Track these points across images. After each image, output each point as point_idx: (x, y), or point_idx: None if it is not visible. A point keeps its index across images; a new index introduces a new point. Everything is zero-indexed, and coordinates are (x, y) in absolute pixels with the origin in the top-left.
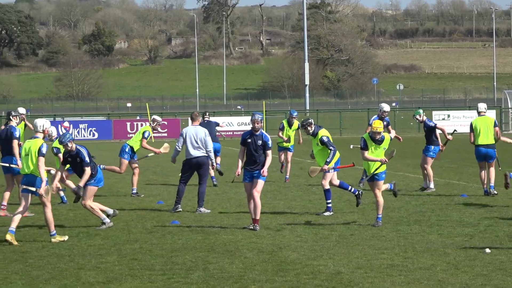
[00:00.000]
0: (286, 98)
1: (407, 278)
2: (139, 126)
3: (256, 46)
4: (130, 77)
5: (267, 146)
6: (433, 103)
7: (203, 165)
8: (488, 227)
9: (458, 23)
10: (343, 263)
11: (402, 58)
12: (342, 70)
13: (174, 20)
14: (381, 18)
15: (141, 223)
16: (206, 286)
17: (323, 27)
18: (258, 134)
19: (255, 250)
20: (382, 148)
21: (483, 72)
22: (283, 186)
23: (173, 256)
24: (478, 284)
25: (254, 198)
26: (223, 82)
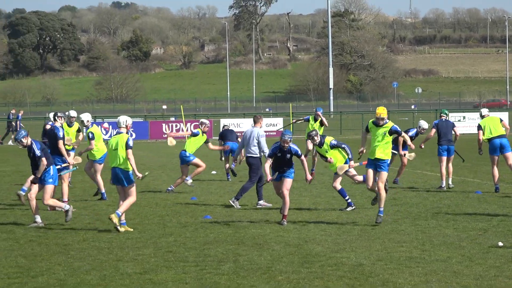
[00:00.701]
0: (311, 101)
1: (425, 269)
2: (174, 127)
3: (284, 52)
4: (165, 81)
5: (298, 154)
6: (450, 106)
7: (252, 165)
8: (501, 221)
9: (473, 30)
10: (365, 255)
11: (421, 63)
12: (364, 75)
13: (207, 27)
14: (401, 26)
15: (176, 217)
16: (236, 277)
17: (347, 34)
18: (286, 150)
19: (282, 243)
20: (382, 131)
21: (497, 77)
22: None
23: (205, 248)
24: (491, 275)
25: (284, 196)
26: (252, 86)
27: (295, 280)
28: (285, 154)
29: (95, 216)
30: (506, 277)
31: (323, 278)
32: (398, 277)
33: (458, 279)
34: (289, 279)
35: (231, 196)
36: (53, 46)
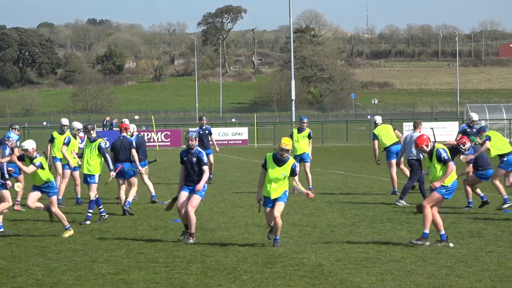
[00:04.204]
0: (274, 111)
1: (380, 269)
2: (146, 137)
3: (249, 66)
4: (137, 93)
5: (202, 162)
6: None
7: (413, 165)
8: (452, 224)
9: (426, 45)
10: (324, 256)
11: (377, 76)
12: (324, 87)
13: (177, 42)
14: (358, 41)
15: (147, 221)
16: (204, 277)
17: (308, 49)
18: (193, 152)
19: (247, 245)
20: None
21: (448, 89)
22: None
23: (175, 250)
24: (443, 274)
25: (188, 213)
26: (219, 97)
27: (259, 280)
28: (191, 158)
29: (71, 220)
30: (456, 276)
31: (285, 278)
32: (356, 277)
33: (412, 278)
34: (253, 278)
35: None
36: (32, 60)
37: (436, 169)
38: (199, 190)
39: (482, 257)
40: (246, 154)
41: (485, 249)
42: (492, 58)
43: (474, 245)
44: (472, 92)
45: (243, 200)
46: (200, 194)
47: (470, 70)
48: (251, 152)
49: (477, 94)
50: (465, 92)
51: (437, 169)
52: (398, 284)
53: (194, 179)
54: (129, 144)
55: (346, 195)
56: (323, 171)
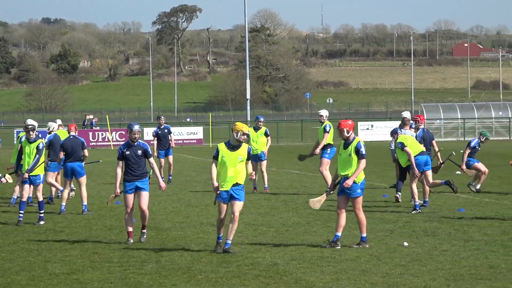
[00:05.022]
0: (230, 110)
1: (335, 268)
2: (100, 136)
3: (204, 65)
4: (92, 92)
5: (149, 154)
6: (359, 115)
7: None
8: (406, 223)
9: (381, 44)
10: (279, 255)
11: (332, 76)
12: (279, 86)
13: (132, 42)
14: (313, 40)
15: (101, 221)
16: (158, 277)
17: (263, 48)
18: (137, 145)
19: (202, 245)
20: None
21: (402, 88)
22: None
23: (129, 250)
24: (397, 273)
25: (144, 212)
26: (174, 97)
27: (213, 279)
28: (135, 151)
29: (25, 219)
30: (411, 275)
31: (240, 277)
32: (311, 276)
33: (366, 277)
34: (208, 278)
35: (154, 201)
36: None
37: (352, 159)
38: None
39: (436, 256)
40: (201, 153)
41: (439, 248)
42: (447, 58)
43: (429, 244)
44: (427, 92)
45: (198, 200)
46: (148, 189)
47: (424, 70)
48: (206, 151)
49: (431, 93)
50: (420, 92)
51: (352, 160)
52: (352, 283)
53: (138, 173)
54: (81, 144)
55: (301, 195)
56: (278, 171)
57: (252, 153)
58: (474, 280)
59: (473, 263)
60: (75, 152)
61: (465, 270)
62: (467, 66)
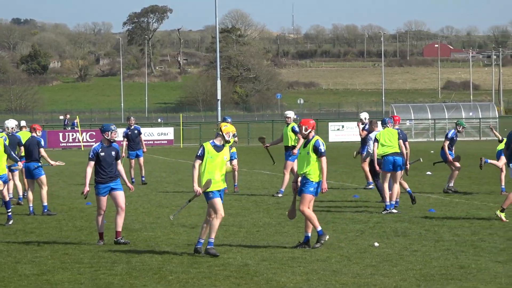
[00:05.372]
0: (200, 111)
1: (306, 268)
2: (71, 136)
3: (174, 66)
4: (62, 93)
5: (119, 156)
6: (329, 115)
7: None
8: (377, 223)
9: (352, 45)
10: (250, 256)
11: (303, 76)
12: (250, 87)
13: (102, 42)
14: (284, 41)
15: (72, 222)
16: (129, 277)
17: (234, 49)
18: (111, 146)
19: (172, 245)
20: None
21: (373, 88)
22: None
23: (99, 251)
24: (368, 273)
25: (122, 213)
26: (145, 97)
27: (184, 280)
28: (110, 152)
29: None
30: (381, 275)
31: (211, 278)
32: (281, 276)
33: (337, 278)
34: (179, 278)
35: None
36: None
37: (310, 157)
38: (120, 186)
39: (407, 256)
40: (171, 154)
41: (410, 248)
42: (417, 58)
43: (399, 244)
44: (397, 92)
45: (169, 200)
46: (122, 189)
47: (395, 70)
48: (177, 152)
49: (402, 94)
50: (390, 92)
51: (311, 159)
52: (323, 283)
53: (112, 175)
54: (37, 143)
55: (272, 196)
56: (249, 171)
57: None
58: (445, 280)
59: (444, 264)
60: (32, 152)
61: (436, 271)
62: (437, 67)
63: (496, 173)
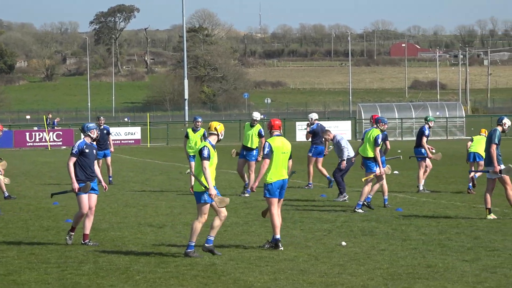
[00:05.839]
0: (167, 110)
1: (273, 268)
2: (37, 136)
3: (142, 65)
4: (29, 93)
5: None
6: (297, 115)
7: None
8: (344, 223)
9: (319, 44)
10: (217, 255)
11: (270, 76)
12: (217, 86)
13: (69, 42)
14: (251, 40)
15: (38, 221)
16: (96, 277)
17: (201, 48)
18: (93, 145)
19: (140, 245)
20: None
21: (340, 88)
22: (166, 189)
23: (66, 250)
24: (335, 273)
25: (91, 216)
26: (112, 97)
27: (151, 280)
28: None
29: None
30: (349, 274)
31: (178, 278)
32: (249, 276)
33: (304, 277)
34: (146, 278)
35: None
36: None
37: None
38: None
39: (374, 256)
40: (139, 153)
41: (377, 247)
42: (384, 58)
43: (367, 243)
44: (365, 92)
45: (136, 200)
46: (98, 192)
47: (362, 70)
48: (144, 151)
49: (369, 93)
50: (358, 92)
51: None
52: (291, 283)
53: (93, 174)
54: None
55: (239, 195)
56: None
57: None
58: (412, 279)
59: (411, 263)
60: None
61: (403, 270)
62: (404, 66)
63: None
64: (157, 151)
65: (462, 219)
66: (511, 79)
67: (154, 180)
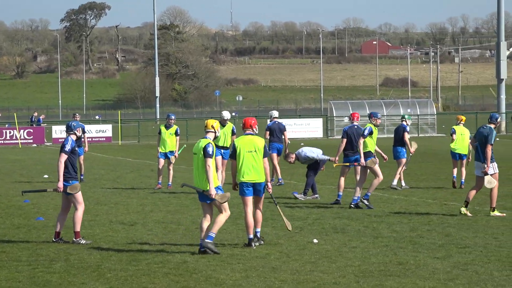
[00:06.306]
0: (139, 108)
1: (245, 265)
2: (8, 134)
3: (113, 63)
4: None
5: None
6: (268, 113)
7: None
8: (316, 220)
9: (290, 42)
10: (189, 253)
11: (241, 73)
12: (188, 84)
13: (40, 39)
14: (223, 38)
15: (9, 219)
16: (67, 275)
17: (172, 46)
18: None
19: (111, 243)
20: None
21: (312, 85)
22: (137, 187)
23: (37, 248)
24: (307, 270)
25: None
26: (83, 94)
27: (123, 277)
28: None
29: None
30: (320, 271)
31: (149, 275)
32: (220, 273)
33: (276, 274)
34: (117, 276)
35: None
36: None
37: None
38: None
39: (345, 253)
40: (110, 151)
41: (348, 244)
42: (355, 55)
43: (338, 240)
44: (336, 89)
45: (107, 198)
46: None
47: (333, 67)
48: (115, 149)
49: (340, 91)
50: (329, 89)
51: None
52: (262, 280)
53: (77, 171)
54: None
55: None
56: (187, 168)
57: (161, 151)
58: (383, 276)
59: (382, 260)
60: None
61: (374, 267)
62: (375, 64)
63: (434, 170)
64: (128, 149)
65: (433, 216)
66: (482, 76)
67: (126, 177)
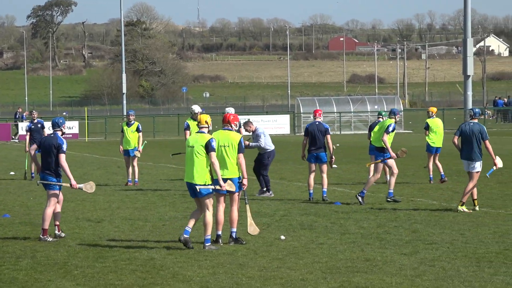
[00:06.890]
0: (105, 105)
1: (212, 262)
2: None
3: (79, 59)
4: None
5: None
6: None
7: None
8: (283, 217)
9: (257, 38)
10: (156, 250)
11: (208, 70)
12: (155, 80)
13: (5, 35)
14: (189, 34)
15: None
16: (34, 272)
17: (139, 42)
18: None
19: (78, 240)
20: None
21: (279, 82)
22: (104, 184)
23: (3, 246)
24: (274, 266)
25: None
26: (49, 91)
27: (90, 274)
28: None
29: None
30: (288, 268)
31: (116, 272)
32: (188, 270)
33: (243, 271)
34: (84, 273)
35: (29, 196)
36: None
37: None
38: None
39: (313, 249)
40: (77, 148)
41: (316, 241)
42: (323, 52)
43: (305, 237)
44: (303, 85)
45: (74, 195)
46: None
47: (301, 64)
48: (82, 146)
49: (308, 87)
50: (296, 86)
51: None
52: (230, 277)
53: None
54: None
55: (178, 190)
56: (154, 165)
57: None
58: (351, 272)
59: (350, 256)
60: None
61: (342, 263)
62: (343, 60)
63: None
64: (95, 145)
65: (400, 213)
66: (449, 73)
67: (92, 174)
